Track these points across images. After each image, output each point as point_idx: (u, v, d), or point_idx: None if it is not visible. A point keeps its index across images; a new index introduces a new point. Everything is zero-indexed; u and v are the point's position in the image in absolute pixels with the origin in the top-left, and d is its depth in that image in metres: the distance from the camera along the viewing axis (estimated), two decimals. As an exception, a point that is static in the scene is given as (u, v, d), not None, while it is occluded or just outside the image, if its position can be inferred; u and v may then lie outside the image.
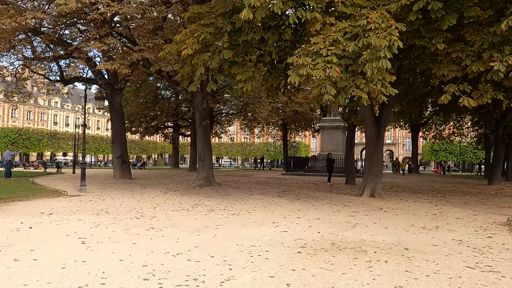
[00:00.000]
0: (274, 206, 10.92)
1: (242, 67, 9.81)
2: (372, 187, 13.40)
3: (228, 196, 13.22)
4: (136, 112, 30.92)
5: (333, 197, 13.53)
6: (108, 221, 7.95)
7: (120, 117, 20.43)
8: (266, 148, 75.37)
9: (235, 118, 44.18)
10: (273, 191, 14.96)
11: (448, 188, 19.03)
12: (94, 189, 15.38)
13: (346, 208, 10.76)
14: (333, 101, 8.17)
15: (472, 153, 65.20)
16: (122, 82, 20.33)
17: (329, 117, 30.97)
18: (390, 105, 13.59)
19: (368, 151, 13.58)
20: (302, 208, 10.61)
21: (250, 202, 11.72)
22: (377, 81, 8.03)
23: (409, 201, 12.88)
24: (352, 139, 18.90)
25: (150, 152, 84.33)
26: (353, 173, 19.08)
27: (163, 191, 14.57)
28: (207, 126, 16.03)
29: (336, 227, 7.82)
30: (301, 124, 41.35)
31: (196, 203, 11.32)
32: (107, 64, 13.02)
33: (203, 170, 15.94)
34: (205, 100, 15.67)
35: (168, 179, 21.29)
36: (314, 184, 19.33)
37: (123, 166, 20.26)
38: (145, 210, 9.67)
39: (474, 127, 38.23)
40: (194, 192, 14.35)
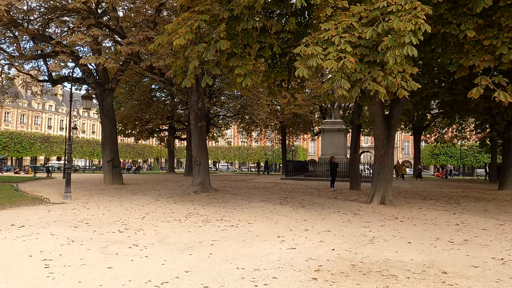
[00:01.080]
0: (276, 215, 9.80)
1: (242, 60, 8.72)
2: (382, 194, 12.32)
3: (226, 203, 12.09)
4: (129, 114, 29.74)
5: (340, 204, 12.42)
6: (86, 236, 6.80)
7: (111, 119, 19.29)
8: (264, 152, 74.24)
9: (233, 121, 43.09)
10: (274, 198, 13.84)
11: (458, 193, 17.98)
12: (80, 196, 14.24)
13: (357, 218, 9.66)
14: (346, 97, 7.08)
15: (473, 157, 64.37)
16: (113, 81, 19.21)
17: (330, 119, 29.91)
18: (401, 104, 12.56)
19: (378, 154, 12.50)
20: (308, 217, 9.50)
21: (249, 210, 10.60)
22: (396, 74, 6.96)
23: (423, 208, 11.80)
24: (357, 141, 17.84)
25: (146, 156, 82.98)
26: (358, 177, 18.00)
27: (155, 198, 13.43)
28: (202, 128, 14.93)
29: (351, 242, 6.72)
30: (300, 127, 40.30)
31: (190, 212, 10.19)
32: (92, 58, 11.90)
33: (199, 175, 14.81)
34: (201, 99, 14.58)
35: (162, 185, 20.14)
36: (316, 189, 18.23)
37: (114, 170, 19.09)
38: (132, 221, 8.53)
39: (477, 130, 37.38)
40: (188, 199, 13.21)
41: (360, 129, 18.02)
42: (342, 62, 6.76)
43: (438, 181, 30.65)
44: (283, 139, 42.32)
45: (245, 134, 45.66)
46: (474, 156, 64.07)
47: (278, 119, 37.59)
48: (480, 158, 63.26)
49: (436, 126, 38.89)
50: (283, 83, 10.75)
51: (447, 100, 19.31)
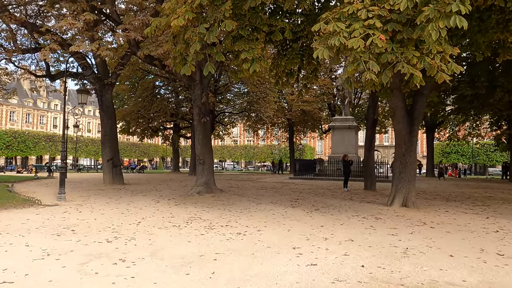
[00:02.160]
0: (289, 220, 8.69)
1: (249, 43, 7.62)
2: (404, 195, 11.16)
3: (232, 206, 11.01)
4: (132, 111, 28.76)
5: (357, 206, 11.29)
6: (66, 248, 5.76)
7: (110, 116, 18.30)
8: (271, 150, 73.10)
9: (239, 120, 41.99)
10: (284, 199, 12.73)
11: (481, 194, 16.72)
12: (76, 197, 13.27)
13: (380, 223, 8.53)
14: (375, 82, 5.96)
15: (485, 155, 62.62)
16: (113, 76, 18.23)
17: (340, 116, 28.71)
18: (425, 96, 11.38)
19: (399, 151, 11.34)
20: (325, 223, 8.38)
21: (258, 214, 9.50)
22: (435, 54, 5.82)
23: (451, 212, 10.62)
24: (372, 138, 16.64)
25: (152, 155, 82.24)
26: (373, 177, 16.83)
27: (155, 200, 12.39)
28: (206, 124, 13.86)
29: (381, 255, 5.60)
30: (308, 124, 39.08)
31: (191, 216, 9.12)
32: (83, 45, 10.88)
33: (202, 174, 13.75)
34: (205, 93, 13.50)
35: (164, 185, 19.12)
36: (328, 189, 17.08)
37: (114, 170, 18.11)
38: (124, 228, 7.47)
39: (493, 127, 35.91)
40: (191, 201, 12.15)
41: (375, 125, 16.85)
42: (371, 40, 5.64)
43: (455, 181, 29.29)
44: (290, 137, 41.15)
45: (252, 132, 44.56)
46: (487, 154, 62.31)
47: (285, 117, 36.42)
48: (493, 156, 61.49)
49: (449, 123, 37.49)
50: (294, 72, 9.62)
51: (467, 95, 18.05)
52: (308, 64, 9.07)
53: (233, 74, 8.66)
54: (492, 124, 35.70)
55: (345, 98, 27.80)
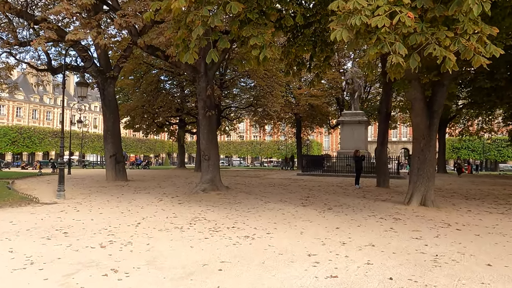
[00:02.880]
0: (300, 221, 8.02)
1: (258, 28, 6.92)
2: (423, 193, 10.43)
3: (238, 205, 10.36)
4: (137, 106, 28.18)
5: (372, 205, 10.58)
6: (54, 254, 5.14)
7: (113, 110, 17.72)
8: (277, 146, 72.40)
9: (245, 115, 41.31)
10: (294, 197, 12.06)
11: (500, 191, 15.91)
12: (76, 194, 12.74)
13: (400, 224, 7.83)
14: (401, 67, 5.24)
15: (497, 151, 61.35)
16: (115, 69, 17.63)
17: (349, 110, 27.90)
18: (445, 86, 10.60)
19: (417, 147, 10.59)
20: (340, 224, 7.70)
21: (267, 214, 8.84)
22: (471, 35, 5.09)
23: (473, 211, 9.88)
24: (385, 133, 15.88)
25: (158, 151, 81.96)
26: (387, 174, 16.08)
27: (158, 198, 11.78)
28: (212, 118, 13.20)
29: (410, 264, 4.92)
30: (316, 119, 38.26)
31: (195, 216, 8.48)
32: (80, 33, 10.24)
33: (208, 171, 13.12)
34: (210, 86, 12.84)
35: (169, 181, 18.53)
36: (339, 186, 16.37)
37: (117, 166, 17.55)
38: (122, 230, 6.86)
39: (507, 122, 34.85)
40: (195, 199, 11.52)
41: (388, 119, 16.06)
42: (398, 18, 4.91)
43: (469, 177, 28.38)
44: (298, 133, 40.37)
45: (258, 128, 43.89)
46: (498, 150, 61.06)
47: (293, 111, 35.63)
48: (504, 152, 60.23)
49: (461, 118, 36.45)
50: (305, 61, 8.89)
51: (486, 87, 17.17)
52: (321, 51, 8.35)
53: (240, 64, 7.98)
54: (506, 119, 34.66)
55: (355, 92, 26.98)
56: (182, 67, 13.11)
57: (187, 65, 13.31)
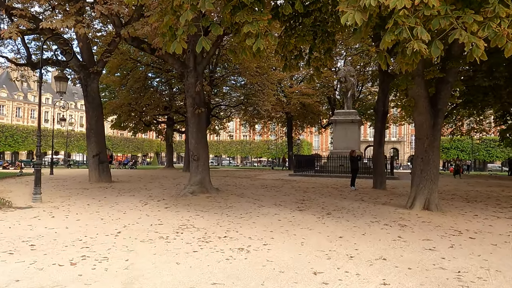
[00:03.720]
0: (299, 228, 7.30)
1: (252, 14, 6.16)
2: (426, 197, 9.82)
3: (230, 209, 9.60)
4: (123, 104, 27.14)
5: (373, 209, 9.92)
6: (12, 275, 4.31)
7: (97, 107, 16.78)
8: (267, 146, 71.77)
9: (235, 114, 40.50)
10: (288, 201, 11.34)
11: (500, 193, 15.43)
12: (55, 197, 11.81)
13: (408, 232, 7.16)
14: (422, 54, 4.54)
15: (485, 151, 61.67)
16: (99, 64, 16.68)
17: (342, 110, 27.33)
18: (449, 83, 10.00)
19: (421, 147, 9.97)
20: (343, 232, 6.99)
21: (262, 220, 8.10)
22: (502, 19, 4.42)
23: (480, 216, 9.29)
24: (382, 132, 15.29)
25: (146, 151, 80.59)
26: (383, 175, 15.49)
27: (143, 201, 10.95)
28: (201, 116, 12.41)
29: (433, 285, 4.23)
30: (308, 118, 37.65)
31: (183, 223, 7.70)
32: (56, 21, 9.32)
33: (197, 172, 12.33)
34: (199, 81, 12.05)
35: (156, 182, 17.66)
36: (334, 188, 15.72)
37: (101, 166, 16.62)
38: (99, 241, 6.04)
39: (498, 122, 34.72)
40: (183, 202, 10.72)
41: (385, 118, 15.49)
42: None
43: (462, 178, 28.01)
44: (289, 132, 39.71)
45: (248, 127, 43.09)
46: (487, 150, 61.39)
47: (284, 110, 34.94)
48: (493, 152, 60.60)
49: (452, 118, 36.18)
50: (304, 54, 8.16)
51: (484, 86, 16.69)
52: (322, 42, 7.63)
53: (233, 55, 7.21)
54: (497, 119, 34.50)
55: (348, 90, 26.42)
56: (169, 61, 12.29)
57: (175, 60, 12.51)
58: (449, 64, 9.70)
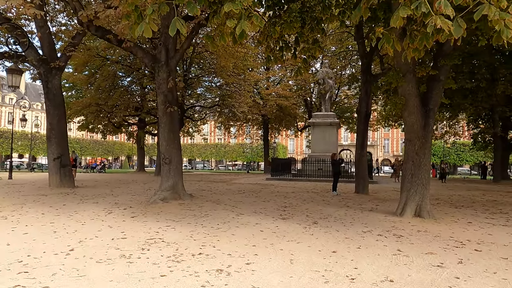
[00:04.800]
0: (285, 241, 6.39)
1: (234, -9, 5.22)
2: (417, 203, 9.15)
3: (205, 218, 8.58)
4: (90, 104, 25.50)
5: (362, 217, 9.16)
6: None
7: (58, 106, 15.34)
8: (242, 149, 70.83)
9: (210, 117, 39.33)
10: (269, 207, 10.42)
11: (482, 197, 15.14)
12: (6, 205, 10.43)
13: (406, 244, 6.39)
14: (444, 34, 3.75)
15: (456, 155, 63.03)
16: (62, 58, 15.29)
17: (320, 112, 26.77)
18: (441, 82, 9.41)
19: (411, 149, 9.31)
20: (336, 246, 6.13)
21: (242, 232, 7.14)
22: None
23: (475, 223, 8.70)
24: (365, 134, 14.66)
25: (117, 154, 77.82)
26: (366, 179, 14.85)
27: (107, 209, 9.75)
28: (174, 115, 11.34)
29: (460, 317, 3.40)
30: (285, 121, 36.98)
31: (151, 236, 6.63)
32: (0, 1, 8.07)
33: (168, 176, 11.23)
34: (172, 77, 10.98)
35: (125, 187, 16.37)
36: (314, 193, 14.96)
37: (62, 171, 15.18)
38: (44, 263, 4.91)
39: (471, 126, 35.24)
40: (153, 210, 9.60)
41: (368, 120, 14.87)
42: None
43: (435, 181, 28.00)
44: (265, 135, 38.93)
45: (223, 130, 42.01)
46: (457, 154, 62.77)
47: (260, 113, 34.11)
48: (463, 156, 62.01)
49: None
50: (291, 44, 7.30)
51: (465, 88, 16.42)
52: (310, 30, 6.80)
53: (211, 42, 6.24)
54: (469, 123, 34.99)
55: (326, 93, 25.90)
56: (138, 54, 11.17)
57: (144, 53, 11.40)
58: (441, 61, 9.12)
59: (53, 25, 18.30)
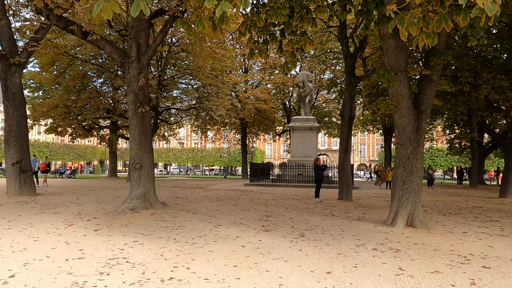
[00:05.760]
0: (271, 259, 5.55)
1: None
2: (409, 212, 8.53)
3: (179, 231, 7.64)
4: (57, 105, 23.94)
5: (350, 227, 8.44)
6: None
7: (18, 106, 14.02)
8: (219, 154, 69.69)
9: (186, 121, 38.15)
10: (250, 217, 9.57)
11: (465, 203, 14.80)
12: (-50, 217, 9.11)
13: (406, 259, 5.68)
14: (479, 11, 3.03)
15: (430, 160, 64.01)
16: (23, 54, 14.01)
17: (300, 116, 26.19)
18: (434, 82, 8.86)
19: (403, 153, 8.69)
20: (331, 265, 5.35)
21: (221, 248, 6.26)
22: None
23: (470, 233, 8.14)
24: (348, 138, 14.06)
25: (89, 158, 74.99)
26: (350, 185, 14.24)
27: (68, 221, 8.66)
28: (145, 116, 10.36)
29: None
30: (263, 125, 36.27)
31: (114, 254, 5.66)
32: None
33: (139, 183, 10.22)
34: (143, 74, 10.01)
35: (92, 195, 15.14)
36: (296, 200, 14.22)
37: (22, 177, 13.84)
38: (-30, 296, 3.89)
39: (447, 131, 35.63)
40: (120, 222, 8.57)
41: (352, 123, 14.31)
42: None
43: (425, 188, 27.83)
44: (243, 140, 38.06)
45: (200, 134, 40.86)
46: (432, 159, 63.76)
47: (238, 116, 33.24)
48: (437, 161, 63.05)
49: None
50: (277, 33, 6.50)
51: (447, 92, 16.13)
52: (300, 19, 6.02)
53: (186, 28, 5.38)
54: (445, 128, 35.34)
55: (306, 96, 25.35)
56: (106, 49, 10.13)
57: (113, 47, 10.39)
58: (433, 60, 8.56)
59: (16, 20, 16.96)
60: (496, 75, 15.21)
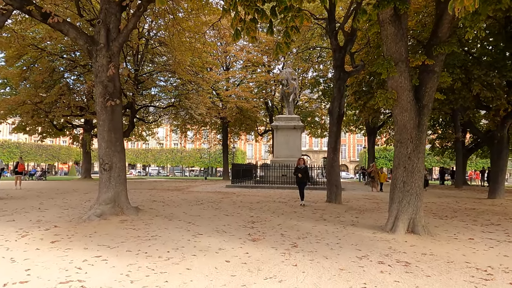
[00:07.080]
0: (263, 280, 4.58)
1: None
2: (410, 216, 7.72)
3: (152, 242, 6.56)
4: (24, 102, 22.27)
5: (347, 235, 7.56)
6: None
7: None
8: (200, 154, 68.30)
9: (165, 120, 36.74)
10: (234, 224, 8.57)
11: (458, 206, 14.25)
12: None
13: (421, 276, 4.83)
14: None
15: (411, 160, 64.39)
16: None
17: (284, 115, 25.34)
18: (436, 74, 8.08)
19: (403, 152, 7.88)
20: (336, 285, 4.42)
21: (201, 263, 5.24)
22: None
23: (477, 240, 7.40)
24: (338, 137, 13.24)
25: (63, 159, 72.15)
26: (339, 187, 13.40)
27: (24, 230, 7.45)
28: (116, 110, 9.21)
29: None
30: (245, 125, 35.26)
31: (67, 276, 4.57)
32: None
33: (108, 186, 9.07)
34: (113, 62, 8.87)
35: (59, 199, 13.80)
36: (282, 203, 13.28)
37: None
38: None
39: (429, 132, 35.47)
40: (84, 231, 7.42)
41: (341, 121, 13.50)
42: None
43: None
44: (224, 140, 36.95)
45: (180, 134, 39.50)
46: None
47: (219, 115, 32.13)
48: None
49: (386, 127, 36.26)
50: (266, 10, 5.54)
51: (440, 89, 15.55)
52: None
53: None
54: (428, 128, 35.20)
55: (290, 94, 24.51)
56: (70, 34, 8.94)
57: (78, 32, 9.19)
58: (437, 49, 7.79)
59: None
60: (487, 72, 14.73)
